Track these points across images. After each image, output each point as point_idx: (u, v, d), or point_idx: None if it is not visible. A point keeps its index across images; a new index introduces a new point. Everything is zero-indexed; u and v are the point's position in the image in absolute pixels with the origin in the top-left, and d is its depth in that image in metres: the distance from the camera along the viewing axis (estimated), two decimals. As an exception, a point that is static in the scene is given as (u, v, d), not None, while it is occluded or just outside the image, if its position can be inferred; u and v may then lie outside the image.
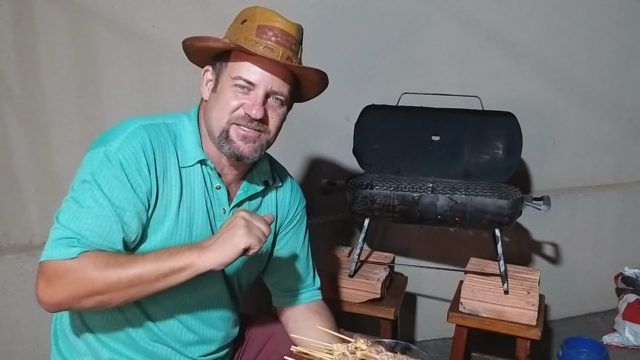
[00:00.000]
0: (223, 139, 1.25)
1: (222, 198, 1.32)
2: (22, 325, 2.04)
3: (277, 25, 1.24)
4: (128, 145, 1.18)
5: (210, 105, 1.27)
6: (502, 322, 1.82)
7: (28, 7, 1.88)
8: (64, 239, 1.10)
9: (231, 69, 1.24)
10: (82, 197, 1.15)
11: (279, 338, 1.48)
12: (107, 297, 1.10)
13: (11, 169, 2.00)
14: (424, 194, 1.81)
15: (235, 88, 1.23)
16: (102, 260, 1.10)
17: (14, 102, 1.95)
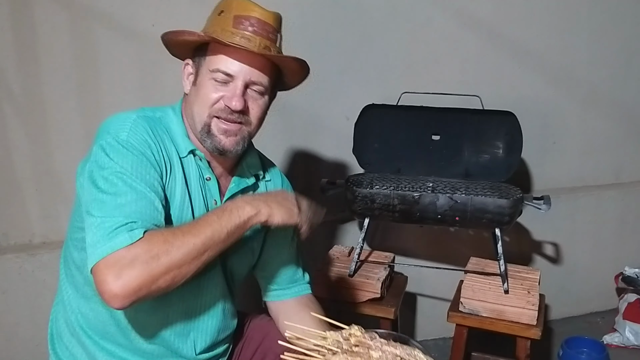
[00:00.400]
0: (205, 133, 1.24)
1: (212, 189, 1.31)
2: (21, 325, 2.04)
3: (254, 14, 1.23)
4: (137, 133, 1.18)
5: (191, 99, 1.27)
6: (502, 322, 1.81)
7: (28, 7, 1.88)
8: (119, 227, 1.05)
9: (209, 62, 1.23)
10: (113, 186, 1.11)
11: (275, 336, 1.46)
12: (184, 270, 1.07)
13: (11, 169, 2.00)
14: (424, 193, 1.81)
15: (213, 81, 1.23)
16: (169, 234, 1.08)
17: (14, 101, 1.95)
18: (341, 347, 1.14)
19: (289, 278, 1.51)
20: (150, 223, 1.09)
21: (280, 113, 2.24)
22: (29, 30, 1.90)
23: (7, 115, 1.95)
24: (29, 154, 2.00)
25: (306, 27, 2.17)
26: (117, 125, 1.19)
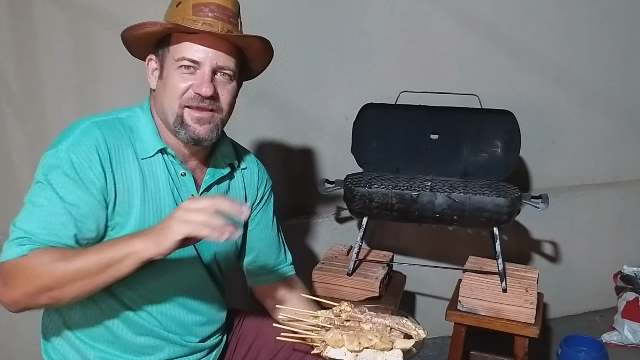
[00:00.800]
0: (178, 124, 1.24)
1: (188, 184, 1.31)
2: (20, 325, 2.04)
3: (212, 0, 1.23)
4: (79, 144, 1.18)
5: (159, 93, 1.27)
6: (501, 320, 1.82)
7: (26, 6, 1.88)
8: (16, 239, 1.11)
9: (174, 52, 1.23)
10: (35, 197, 1.16)
11: (268, 333, 1.48)
12: (56, 293, 1.09)
13: (9, 168, 2.00)
14: (422, 192, 1.81)
15: (180, 70, 1.23)
16: (49, 256, 1.10)
17: (13, 101, 1.95)
18: (333, 323, 1.21)
19: (273, 261, 1.54)
20: (50, 240, 1.12)
21: (279, 112, 2.25)
22: (27, 30, 1.90)
23: (6, 114, 1.95)
24: (28, 153, 2.00)
25: (305, 26, 2.18)
26: (64, 136, 1.21)
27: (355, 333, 1.18)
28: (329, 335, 1.18)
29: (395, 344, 1.17)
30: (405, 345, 1.17)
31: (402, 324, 1.22)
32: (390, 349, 1.16)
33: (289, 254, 1.59)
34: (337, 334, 1.17)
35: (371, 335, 1.16)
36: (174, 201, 1.28)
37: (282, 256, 1.56)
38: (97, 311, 1.27)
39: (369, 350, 1.16)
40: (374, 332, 1.18)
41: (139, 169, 1.25)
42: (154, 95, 1.30)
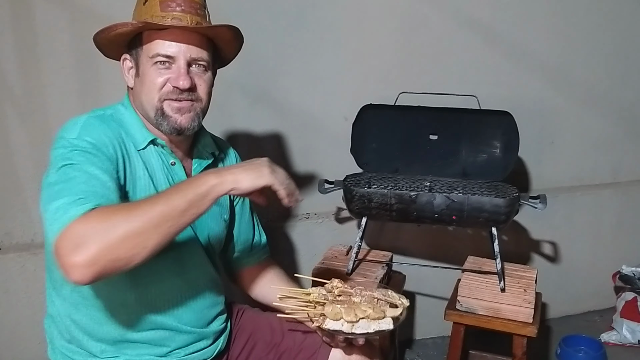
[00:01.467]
0: (159, 116, 1.28)
1: (179, 173, 1.36)
2: (23, 324, 2.06)
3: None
4: (88, 131, 1.20)
5: (137, 91, 1.31)
6: (499, 320, 1.83)
7: (28, 8, 1.90)
8: (69, 204, 1.03)
9: (147, 50, 1.26)
10: (63, 175, 1.11)
11: (264, 327, 1.54)
12: (143, 239, 1.01)
13: (13, 169, 2.02)
14: (421, 192, 1.82)
15: (156, 66, 1.26)
16: (125, 205, 1.09)
17: (15, 102, 1.97)
18: (327, 298, 1.33)
19: (251, 244, 1.60)
20: (102, 200, 1.07)
21: (279, 113, 2.26)
22: (29, 32, 1.92)
23: (9, 116, 1.97)
24: (31, 154, 2.01)
25: (303, 28, 2.19)
26: (67, 129, 1.22)
27: (349, 306, 1.28)
28: (328, 309, 1.27)
29: (386, 312, 1.29)
30: (394, 313, 1.30)
31: (388, 295, 1.35)
32: (382, 317, 1.28)
33: (264, 236, 1.65)
34: (336, 307, 1.27)
35: (365, 307, 1.27)
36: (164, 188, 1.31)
37: (258, 238, 1.62)
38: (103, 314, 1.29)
39: (364, 320, 1.26)
40: (366, 303, 1.29)
41: (140, 158, 1.29)
42: (132, 93, 1.34)
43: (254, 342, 1.53)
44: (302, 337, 1.50)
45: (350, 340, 1.34)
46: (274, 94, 2.23)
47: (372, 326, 1.27)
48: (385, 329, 1.28)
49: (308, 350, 1.47)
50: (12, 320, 2.05)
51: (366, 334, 1.27)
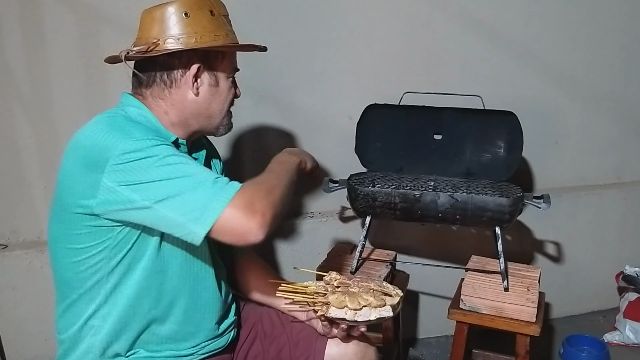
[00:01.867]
0: (225, 123, 1.43)
1: None
2: (29, 320, 2.08)
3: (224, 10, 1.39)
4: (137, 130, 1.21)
5: (206, 99, 1.35)
6: (502, 319, 1.83)
7: (36, 8, 1.92)
8: (216, 182, 1.13)
9: (228, 63, 1.38)
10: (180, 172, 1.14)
11: (265, 321, 1.57)
12: (288, 196, 1.26)
13: (20, 167, 2.04)
14: (425, 192, 1.83)
15: (230, 80, 1.39)
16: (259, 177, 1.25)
17: (23, 101, 1.99)
18: (327, 289, 1.39)
19: None
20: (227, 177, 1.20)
21: (284, 112, 2.27)
22: (37, 31, 1.94)
23: (17, 114, 1.99)
24: (38, 152, 2.04)
25: (308, 28, 2.20)
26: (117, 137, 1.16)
27: (350, 294, 1.35)
28: (332, 297, 1.34)
29: (386, 300, 1.36)
30: (393, 302, 1.37)
31: (383, 286, 1.42)
32: (383, 305, 1.35)
33: None
34: (340, 296, 1.34)
35: (367, 296, 1.35)
36: None
37: None
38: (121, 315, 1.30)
39: (366, 308, 1.33)
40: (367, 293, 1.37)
41: None
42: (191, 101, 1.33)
43: (255, 333, 1.57)
44: (299, 329, 1.53)
45: (351, 329, 1.41)
46: (278, 93, 2.25)
47: (373, 314, 1.33)
48: (386, 316, 1.35)
49: (305, 341, 1.50)
50: (18, 317, 2.07)
51: (368, 321, 1.34)
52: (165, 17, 1.29)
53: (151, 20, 1.31)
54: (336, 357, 1.47)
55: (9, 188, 2.05)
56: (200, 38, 1.28)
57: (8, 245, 2.08)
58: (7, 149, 2.01)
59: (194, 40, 1.28)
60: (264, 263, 1.70)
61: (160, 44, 1.28)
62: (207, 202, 1.10)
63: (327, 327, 1.44)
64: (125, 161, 1.12)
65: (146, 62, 1.32)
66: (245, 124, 2.22)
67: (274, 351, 1.52)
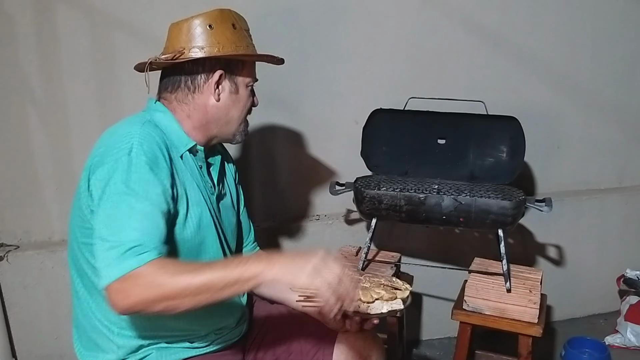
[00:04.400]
0: (241, 131, 1.49)
1: (205, 175, 1.45)
2: (41, 319, 2.11)
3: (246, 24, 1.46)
4: (145, 145, 1.24)
5: (226, 106, 1.42)
6: (505, 320, 1.86)
7: (50, 13, 1.96)
8: (128, 251, 1.12)
9: (247, 73, 1.44)
10: (123, 207, 1.17)
11: (275, 318, 1.62)
12: (176, 302, 1.12)
13: (33, 168, 2.08)
14: (430, 195, 1.86)
15: (249, 89, 1.46)
16: (171, 267, 1.14)
17: (37, 104, 2.03)
18: None
19: (247, 235, 1.68)
20: (157, 244, 1.16)
21: (292, 117, 2.31)
22: (51, 36, 1.98)
23: (30, 117, 2.03)
24: (51, 154, 2.07)
25: (316, 33, 2.24)
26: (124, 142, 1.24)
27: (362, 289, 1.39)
28: None
29: (397, 294, 1.40)
30: (403, 295, 1.41)
31: (393, 281, 1.47)
32: (394, 298, 1.39)
33: (252, 227, 1.72)
34: None
35: (379, 289, 1.39)
36: (200, 193, 1.39)
37: (252, 230, 1.71)
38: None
39: (378, 301, 1.37)
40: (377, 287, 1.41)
41: (182, 164, 1.36)
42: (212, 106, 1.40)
43: (266, 329, 1.61)
44: (309, 325, 1.56)
45: (364, 322, 1.46)
46: (286, 98, 2.28)
47: (385, 307, 1.37)
48: (398, 309, 1.39)
49: (315, 337, 1.54)
50: (30, 315, 2.11)
51: (380, 314, 1.38)
52: (191, 29, 1.37)
53: (178, 32, 1.39)
54: (345, 349, 1.52)
55: (21, 189, 2.09)
56: (222, 47, 1.36)
57: (20, 246, 2.12)
58: (20, 150, 2.05)
59: (217, 50, 1.36)
60: None
61: (185, 52, 1.37)
62: (109, 264, 1.12)
63: (340, 321, 1.48)
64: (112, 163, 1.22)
65: (172, 69, 1.41)
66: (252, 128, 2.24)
67: (285, 345, 1.56)
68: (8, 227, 2.12)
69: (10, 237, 2.12)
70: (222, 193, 1.52)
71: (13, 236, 2.13)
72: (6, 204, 2.09)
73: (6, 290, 2.08)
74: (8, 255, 2.07)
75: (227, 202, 1.54)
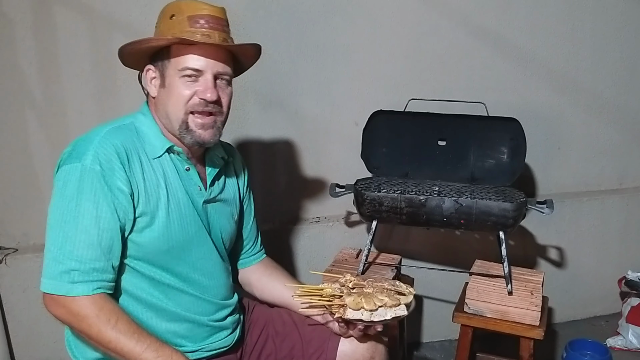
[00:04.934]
0: (184, 130, 1.35)
1: (194, 177, 1.42)
2: (40, 322, 2.10)
3: (206, 12, 1.32)
4: (102, 154, 1.25)
5: (162, 101, 1.36)
6: (506, 322, 1.86)
7: (49, 15, 1.95)
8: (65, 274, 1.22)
9: (176, 63, 1.32)
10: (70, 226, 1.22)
11: (275, 323, 1.61)
12: (92, 343, 1.25)
13: (32, 171, 2.07)
14: (431, 196, 1.86)
15: (184, 79, 1.32)
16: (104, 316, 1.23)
17: (36, 106, 2.02)
18: (343, 292, 1.42)
19: (253, 243, 1.69)
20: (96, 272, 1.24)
21: (293, 119, 2.30)
22: (50, 37, 1.97)
23: (29, 119, 2.02)
24: (49, 157, 2.06)
25: (316, 35, 2.23)
26: (83, 147, 1.27)
27: (366, 296, 1.38)
28: (349, 299, 1.37)
29: (400, 300, 1.40)
30: (407, 300, 1.41)
31: (396, 285, 1.46)
32: (398, 304, 1.39)
33: (260, 236, 1.73)
34: (357, 298, 1.37)
35: (382, 296, 1.38)
36: (186, 194, 1.39)
37: (259, 239, 1.72)
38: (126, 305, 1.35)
39: (382, 308, 1.37)
40: (381, 293, 1.40)
41: (156, 168, 1.35)
42: (155, 102, 1.39)
43: (267, 334, 1.60)
44: (311, 329, 1.56)
45: (368, 328, 1.45)
46: (286, 100, 2.28)
47: (389, 313, 1.37)
48: (401, 315, 1.39)
49: (318, 341, 1.54)
50: (29, 319, 2.10)
51: (384, 321, 1.38)
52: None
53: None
54: (348, 353, 1.51)
55: (20, 192, 2.08)
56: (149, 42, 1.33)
57: (19, 249, 2.11)
58: (19, 153, 2.05)
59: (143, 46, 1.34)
60: (279, 267, 1.72)
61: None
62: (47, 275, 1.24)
63: (344, 327, 1.48)
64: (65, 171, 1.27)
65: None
66: (252, 129, 2.25)
67: (286, 349, 1.56)
68: (7, 230, 2.11)
69: (9, 240, 2.11)
70: (215, 197, 1.48)
71: (12, 239, 2.12)
72: (5, 206, 2.08)
73: (5, 293, 2.07)
74: (7, 259, 2.06)
75: (221, 206, 1.51)
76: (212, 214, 1.47)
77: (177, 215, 1.36)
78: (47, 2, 1.94)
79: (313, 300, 1.44)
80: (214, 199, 1.47)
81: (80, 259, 1.22)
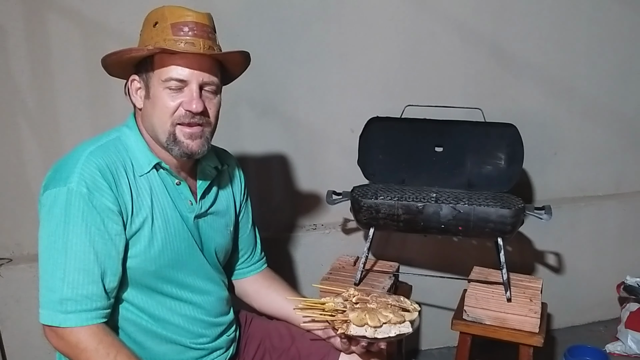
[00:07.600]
0: (171, 142, 1.29)
1: (184, 192, 1.38)
2: (33, 333, 2.07)
3: (190, 19, 1.26)
4: (87, 175, 1.21)
5: (148, 112, 1.31)
6: (505, 330, 1.84)
7: (41, 23, 1.94)
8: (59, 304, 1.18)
9: (160, 73, 1.26)
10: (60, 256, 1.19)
11: (274, 336, 1.58)
12: None
13: (24, 180, 2.05)
14: (428, 203, 1.84)
15: (168, 90, 1.26)
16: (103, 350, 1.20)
17: (28, 115, 2.01)
18: (346, 306, 1.39)
19: (252, 254, 1.64)
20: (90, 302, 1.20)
21: (288, 126, 2.30)
22: (43, 46, 1.96)
23: (22, 128, 2.01)
24: (42, 166, 2.04)
25: (310, 41, 2.23)
26: (67, 170, 1.22)
27: (369, 312, 1.34)
28: (353, 315, 1.33)
29: (405, 317, 1.35)
30: (412, 317, 1.37)
31: (400, 301, 1.42)
32: (402, 321, 1.34)
33: (260, 245, 1.68)
34: (360, 313, 1.33)
35: (386, 312, 1.34)
36: (176, 211, 1.34)
37: (258, 249, 1.67)
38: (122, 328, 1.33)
39: (386, 324, 1.33)
40: (385, 309, 1.36)
41: (142, 185, 1.30)
42: (142, 114, 1.34)
43: (264, 348, 1.57)
44: (310, 343, 1.53)
45: (370, 345, 1.40)
46: (281, 107, 2.27)
47: (393, 330, 1.33)
48: (405, 332, 1.34)
49: (316, 356, 1.50)
50: (23, 329, 2.07)
51: (388, 338, 1.33)
52: None
53: None
54: None
55: (13, 201, 2.06)
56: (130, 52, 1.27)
57: (12, 259, 2.09)
58: (12, 162, 2.03)
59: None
60: (278, 278, 1.68)
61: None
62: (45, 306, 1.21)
63: (346, 343, 1.42)
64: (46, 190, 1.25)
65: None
66: (247, 137, 2.24)
67: None
68: (0, 239, 2.08)
69: (2, 250, 2.09)
70: (207, 210, 1.43)
71: (5, 249, 2.10)
72: (-2, 216, 2.06)
73: (-2, 304, 2.05)
74: (0, 269, 2.04)
75: (213, 219, 1.46)
76: (205, 228, 1.43)
77: (163, 234, 1.31)
78: (39, 10, 1.93)
79: (315, 314, 1.40)
80: (205, 212, 1.42)
81: (72, 285, 1.18)
